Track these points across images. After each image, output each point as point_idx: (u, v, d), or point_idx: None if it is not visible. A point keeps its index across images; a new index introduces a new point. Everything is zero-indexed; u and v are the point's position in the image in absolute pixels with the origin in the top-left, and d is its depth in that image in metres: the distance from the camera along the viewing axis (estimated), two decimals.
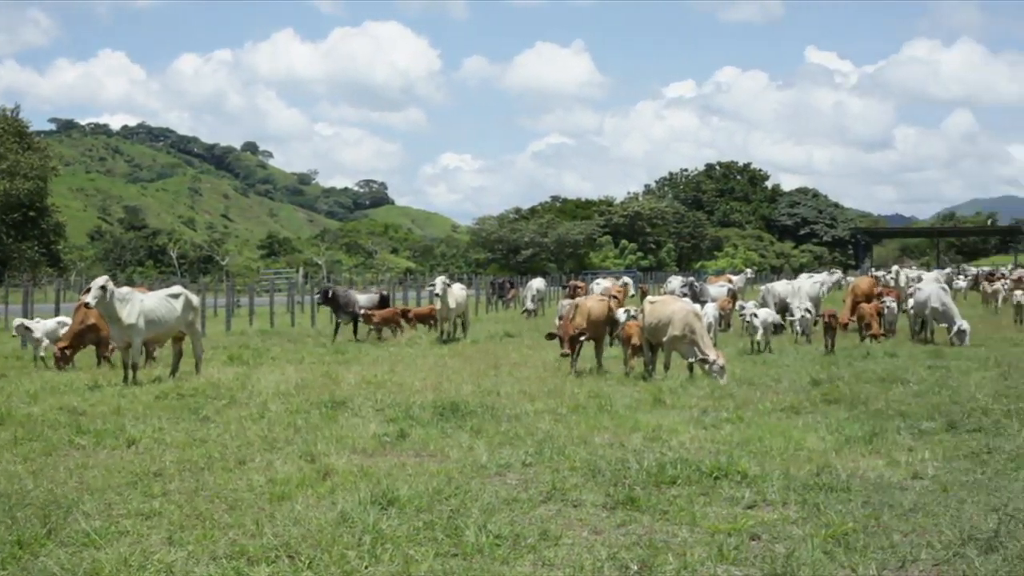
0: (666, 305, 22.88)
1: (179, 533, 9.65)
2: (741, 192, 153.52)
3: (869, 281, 42.01)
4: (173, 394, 19.11)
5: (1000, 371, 22.51)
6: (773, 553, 9.01)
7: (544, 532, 9.62)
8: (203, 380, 21.38)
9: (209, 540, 9.42)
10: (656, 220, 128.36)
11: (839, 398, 18.43)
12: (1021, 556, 8.75)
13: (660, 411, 17.27)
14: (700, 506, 10.73)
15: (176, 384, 20.68)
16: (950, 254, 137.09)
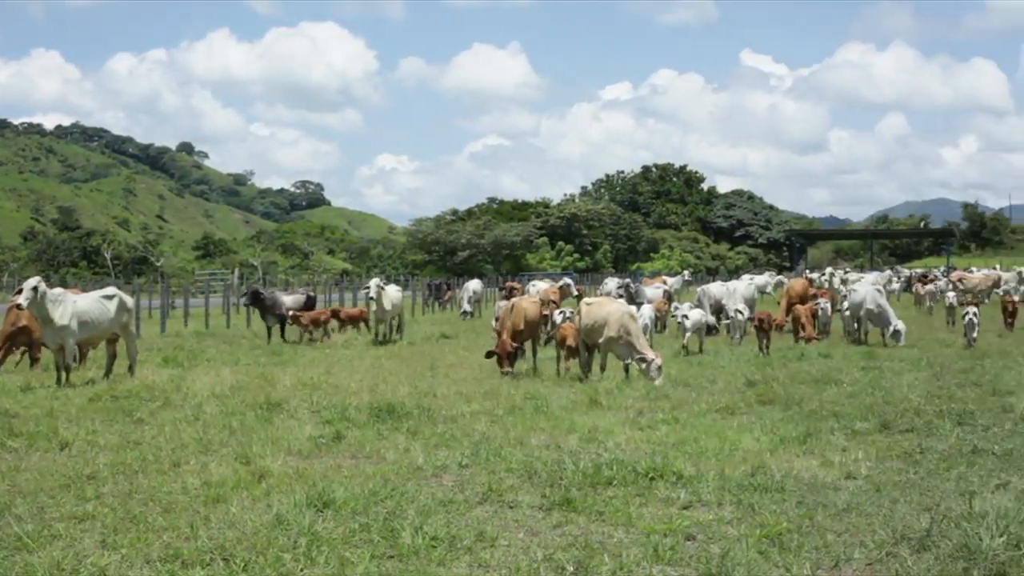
0: (602, 307, 22.94)
1: (113, 536, 9.59)
2: (677, 194, 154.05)
3: (803, 283, 42.30)
4: (107, 396, 18.94)
5: (932, 372, 22.73)
6: (708, 553, 9.06)
7: (480, 533, 9.63)
8: (137, 382, 21.23)
9: (143, 543, 9.36)
10: (593, 222, 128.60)
11: (774, 399, 18.54)
12: (953, 555, 8.84)
13: (596, 412, 17.31)
14: (636, 507, 10.77)
15: (110, 386, 20.50)
16: (883, 256, 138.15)
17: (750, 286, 41.24)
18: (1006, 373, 22.07)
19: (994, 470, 12.52)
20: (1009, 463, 12.89)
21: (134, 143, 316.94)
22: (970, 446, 13.93)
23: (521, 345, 23.75)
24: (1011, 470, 12.45)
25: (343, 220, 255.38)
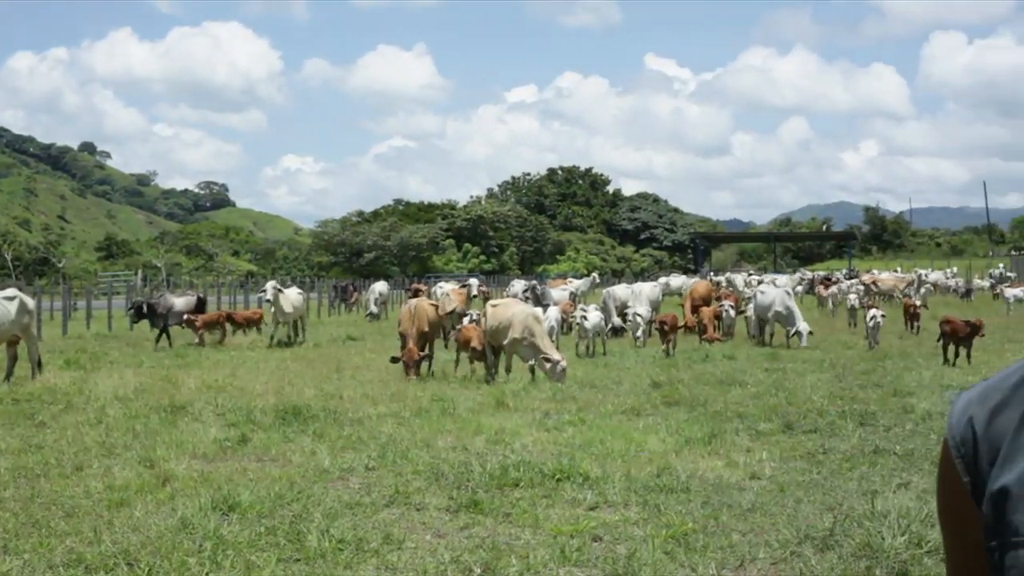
0: (507, 308, 22.99)
1: (14, 541, 9.46)
2: (583, 196, 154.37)
3: (706, 285, 42.74)
4: (8, 399, 18.71)
5: (835, 373, 23.02)
6: (615, 554, 9.10)
7: (387, 536, 9.60)
8: (39, 385, 20.97)
9: (45, 548, 9.24)
10: (499, 224, 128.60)
11: (679, 400, 18.68)
12: (856, 554, 8.95)
13: (503, 414, 17.34)
14: (543, 508, 10.80)
15: (11, 389, 20.25)
16: (786, 259, 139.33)
17: (655, 287, 41.46)
18: (906, 374, 22.41)
19: (895, 470, 12.70)
20: (910, 463, 13.07)
21: (35, 143, 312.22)
22: (872, 446, 14.12)
23: (429, 351, 23.80)
24: (912, 470, 12.63)
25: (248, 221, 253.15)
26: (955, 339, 24.86)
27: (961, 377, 21.83)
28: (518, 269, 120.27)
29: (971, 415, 1.78)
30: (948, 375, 22.49)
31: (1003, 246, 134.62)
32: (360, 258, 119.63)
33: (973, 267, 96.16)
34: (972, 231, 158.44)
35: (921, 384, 20.71)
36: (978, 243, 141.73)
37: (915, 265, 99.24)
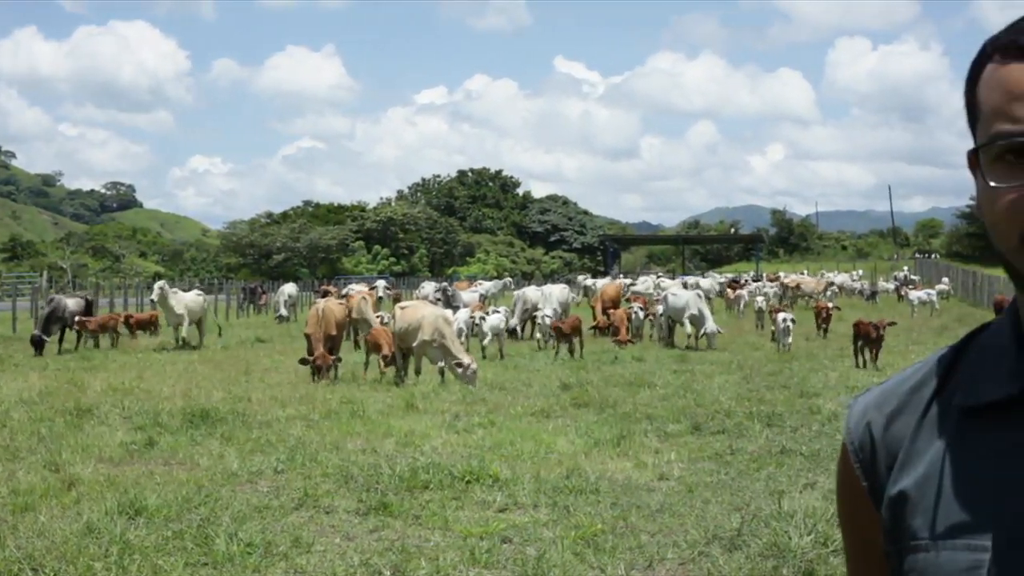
0: (416, 310, 22.95)
1: None
2: (493, 199, 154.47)
3: (616, 287, 42.92)
4: None
5: (743, 375, 23.22)
6: (524, 555, 9.12)
7: (296, 539, 9.56)
8: None
9: None
10: (409, 226, 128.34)
11: (588, 402, 18.75)
12: (763, 553, 9.03)
13: (412, 416, 17.32)
14: (452, 510, 10.80)
15: None
16: (695, 261, 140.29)
17: (564, 290, 41.58)
18: (813, 376, 22.65)
19: (802, 470, 12.83)
20: (816, 463, 13.21)
21: None
22: (779, 447, 14.26)
23: (338, 355, 23.74)
24: (818, 470, 12.76)
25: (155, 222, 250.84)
26: (866, 341, 25.15)
27: (867, 378, 22.08)
28: (428, 271, 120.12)
29: (869, 420, 1.80)
30: (854, 376, 22.76)
31: (908, 249, 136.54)
32: (269, 260, 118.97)
33: (878, 270, 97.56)
34: (877, 234, 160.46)
35: (827, 385, 20.95)
36: (883, 246, 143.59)
37: (821, 268, 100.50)
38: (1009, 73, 1.57)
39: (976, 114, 1.64)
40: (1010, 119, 1.55)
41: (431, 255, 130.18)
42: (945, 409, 1.72)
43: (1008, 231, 1.57)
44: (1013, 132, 1.54)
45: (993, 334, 1.76)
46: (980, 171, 1.62)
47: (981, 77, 1.63)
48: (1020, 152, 1.54)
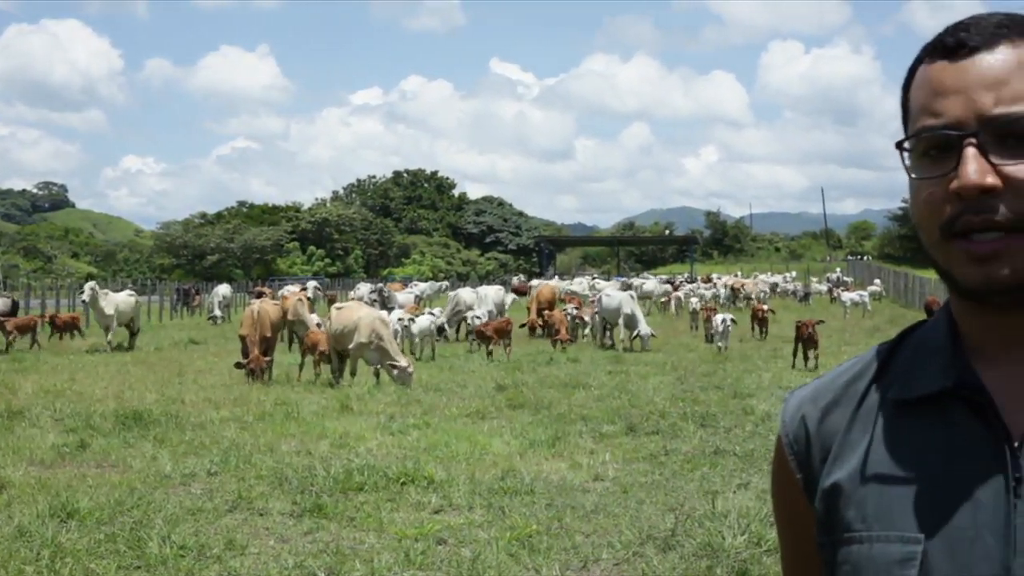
0: (352, 312, 22.87)
1: None
2: (428, 200, 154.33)
3: (551, 288, 42.94)
4: None
5: (677, 375, 23.33)
6: (459, 557, 9.12)
7: (230, 542, 9.51)
8: None
9: None
10: (344, 227, 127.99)
11: (523, 403, 18.78)
12: (697, 553, 9.08)
13: (347, 418, 17.28)
14: (387, 512, 10.79)
15: None
16: (630, 262, 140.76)
17: (500, 291, 41.63)
18: (746, 376, 22.79)
19: (736, 470, 12.91)
20: (750, 463, 13.30)
21: None
22: (712, 447, 14.34)
23: (270, 356, 23.63)
24: (752, 470, 12.85)
25: (88, 223, 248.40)
26: (806, 342, 25.30)
27: (800, 379, 22.23)
28: (363, 272, 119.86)
29: (804, 413, 1.83)
30: (787, 377, 22.92)
31: (840, 251, 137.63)
32: (203, 260, 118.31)
33: (811, 271, 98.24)
34: (810, 236, 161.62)
35: (761, 386, 21.09)
36: (816, 248, 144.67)
37: (755, 269, 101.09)
38: (934, 71, 1.62)
39: (908, 115, 1.68)
40: (933, 114, 1.59)
41: (366, 256, 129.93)
42: (880, 402, 1.75)
43: (930, 225, 1.61)
44: (935, 126, 1.58)
45: (929, 330, 1.79)
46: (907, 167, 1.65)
47: (914, 80, 1.68)
48: (941, 146, 1.58)
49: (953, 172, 1.56)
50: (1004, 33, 1.60)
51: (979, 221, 1.54)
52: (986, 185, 1.53)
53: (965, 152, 1.55)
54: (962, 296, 1.65)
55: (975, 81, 1.57)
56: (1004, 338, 1.66)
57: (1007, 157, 1.54)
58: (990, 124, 1.55)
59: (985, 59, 1.58)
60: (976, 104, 1.56)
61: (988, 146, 1.55)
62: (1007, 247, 1.54)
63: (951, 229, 1.57)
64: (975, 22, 1.62)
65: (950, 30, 1.64)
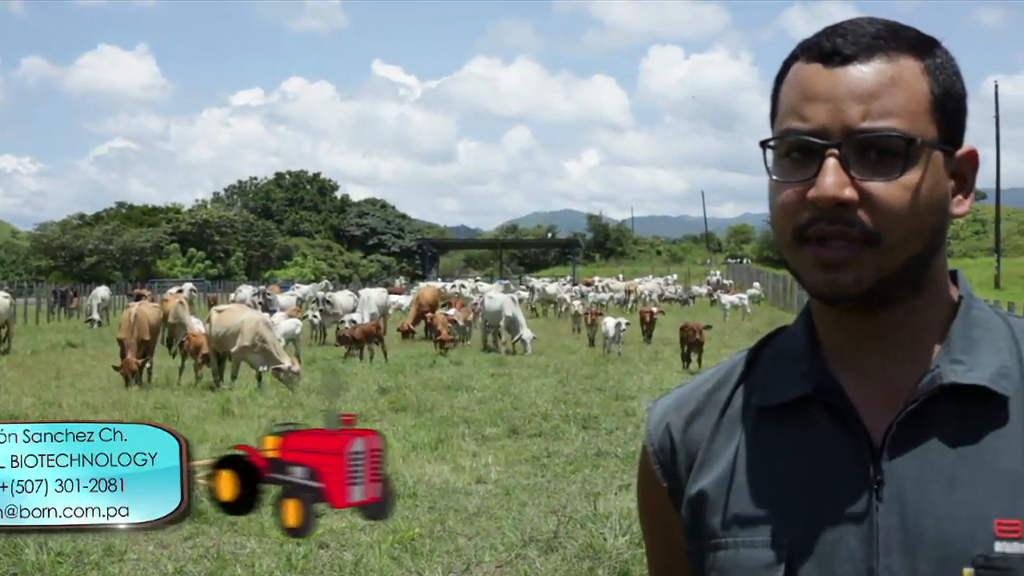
0: (234, 315, 22.68)
1: None
2: (311, 202, 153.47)
3: (433, 291, 42.90)
4: None
5: (559, 378, 23.41)
6: (341, 560, 9.10)
7: (108, 548, 9.39)
8: None
9: None
10: (225, 228, 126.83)
11: (406, 406, 18.76)
12: (579, 555, 9.14)
13: (228, 421, 17.16)
14: (268, 516, 10.69)
15: None
16: (513, 265, 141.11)
17: (382, 294, 41.52)
18: (628, 379, 22.92)
19: (617, 472, 13.01)
20: (631, 465, 13.36)
21: None
22: (595, 449, 14.42)
23: (147, 360, 23.33)
24: (633, 472, 12.81)
25: None
26: (691, 345, 25.48)
27: (680, 381, 22.40)
28: (245, 274, 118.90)
29: (668, 422, 1.86)
30: (668, 379, 23.07)
31: (720, 254, 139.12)
32: (81, 262, 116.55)
33: (692, 274, 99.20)
34: (691, 239, 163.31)
35: (642, 388, 21.22)
36: (697, 251, 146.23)
37: (636, 272, 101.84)
38: (807, 73, 1.63)
39: (776, 111, 1.70)
40: (800, 117, 1.61)
41: (248, 258, 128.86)
42: (742, 410, 1.78)
43: (783, 227, 1.63)
44: (800, 130, 1.60)
45: (789, 336, 1.83)
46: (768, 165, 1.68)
47: (786, 77, 1.69)
48: (804, 151, 1.60)
49: (812, 179, 1.58)
50: (881, 45, 1.61)
51: (832, 231, 1.57)
52: (842, 198, 1.55)
53: (826, 162, 1.57)
54: (814, 299, 1.70)
55: (845, 92, 1.59)
56: (859, 341, 1.70)
57: (867, 172, 1.57)
58: (854, 137, 1.57)
59: (859, 70, 1.60)
60: (843, 115, 1.58)
61: (849, 158, 1.57)
62: (856, 256, 1.57)
63: (804, 234, 1.60)
64: (853, 29, 1.64)
65: (827, 33, 1.65)
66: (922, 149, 1.59)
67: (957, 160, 1.67)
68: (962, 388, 1.63)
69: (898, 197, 1.57)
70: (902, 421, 1.62)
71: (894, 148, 1.58)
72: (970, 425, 1.62)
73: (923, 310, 1.69)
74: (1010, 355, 1.68)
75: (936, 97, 1.63)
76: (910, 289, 1.65)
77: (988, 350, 1.67)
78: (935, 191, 1.61)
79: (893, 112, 1.58)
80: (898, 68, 1.61)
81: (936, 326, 1.70)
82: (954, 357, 1.65)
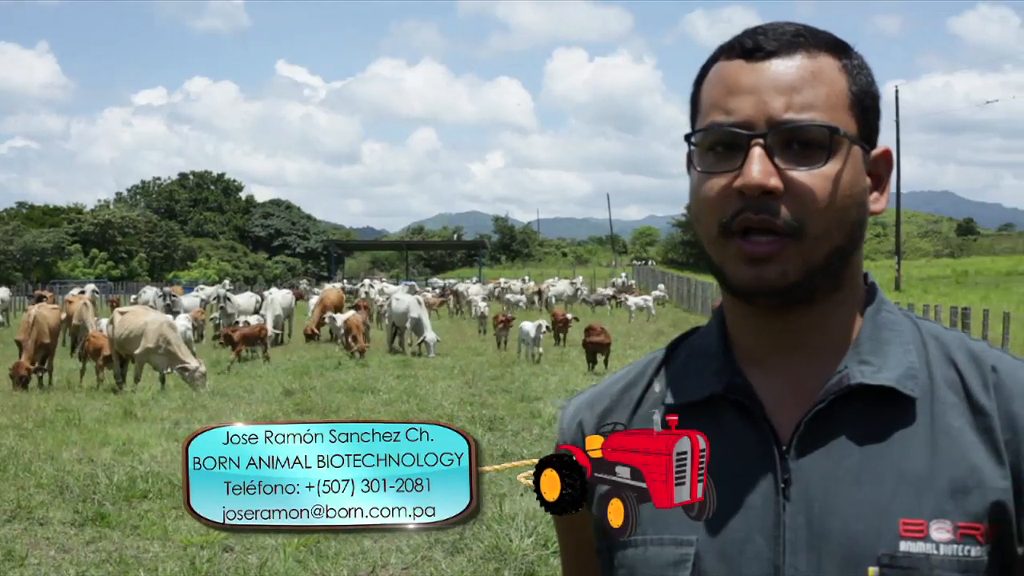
0: (137, 316, 22.44)
1: None
2: (215, 202, 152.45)
3: (337, 293, 42.75)
4: None
5: (465, 379, 23.43)
6: (246, 564, 9.05)
7: (9, 552, 9.29)
8: None
9: None
10: (128, 229, 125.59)
11: (311, 408, 18.70)
12: (485, 556, 9.16)
13: (131, 424, 17.00)
14: (172, 519, 10.64)
15: None
16: (419, 267, 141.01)
17: (287, 295, 41.33)
18: (533, 380, 22.98)
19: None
20: None
21: None
22: (500, 450, 14.46)
23: (42, 364, 23.03)
24: None
25: None
26: (595, 346, 25.54)
27: (587, 382, 22.52)
28: (148, 276, 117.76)
29: (581, 419, 1.87)
30: (574, 380, 23.17)
31: (625, 256, 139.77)
32: None
33: (598, 276, 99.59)
34: (597, 241, 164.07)
35: (548, 389, 21.28)
36: (602, 253, 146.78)
37: (543, 274, 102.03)
38: (730, 69, 1.67)
39: (698, 110, 1.72)
40: (724, 111, 1.64)
41: (151, 259, 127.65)
42: (654, 408, 1.79)
43: (709, 220, 1.65)
44: (725, 123, 1.63)
45: (702, 335, 1.85)
46: (692, 160, 1.70)
47: (707, 76, 1.72)
48: (728, 144, 1.63)
49: (738, 170, 1.60)
50: (801, 42, 1.65)
51: (758, 220, 1.60)
52: (769, 186, 1.58)
53: (752, 152, 1.59)
54: (734, 295, 1.71)
55: (769, 84, 1.62)
56: (773, 341, 1.72)
57: (791, 162, 1.60)
58: (778, 128, 1.60)
59: (781, 64, 1.64)
60: (767, 107, 1.61)
61: (774, 149, 1.60)
62: (781, 249, 1.60)
63: (730, 227, 1.62)
64: (773, 28, 1.67)
65: (748, 33, 1.68)
66: (843, 141, 1.62)
67: (873, 159, 1.71)
68: (870, 389, 1.65)
69: (821, 187, 1.60)
70: (810, 421, 1.64)
71: (817, 139, 1.61)
72: (877, 426, 1.65)
73: (837, 310, 1.72)
74: (918, 357, 1.71)
75: (854, 94, 1.67)
76: (831, 285, 1.68)
77: (896, 352, 1.70)
78: (855, 184, 1.65)
79: (815, 104, 1.62)
80: (818, 64, 1.65)
81: (848, 327, 1.73)
82: (863, 358, 1.68)
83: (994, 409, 1.65)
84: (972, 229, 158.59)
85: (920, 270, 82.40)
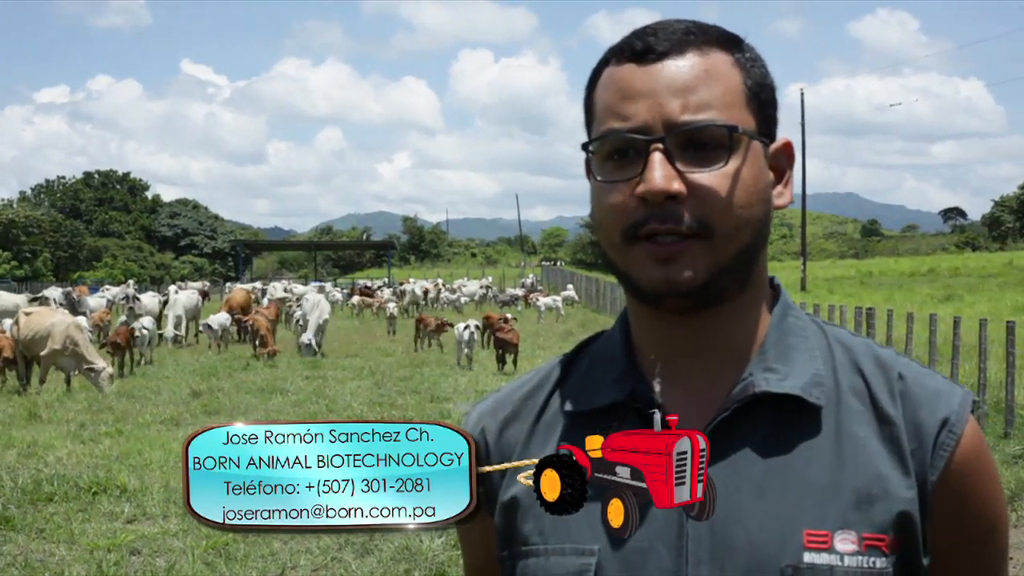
0: (43, 318, 22.17)
1: None
2: (121, 202, 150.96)
3: (244, 293, 42.47)
4: None
5: (375, 380, 23.40)
6: (154, 567, 8.99)
7: None
8: None
9: None
10: (32, 229, 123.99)
11: (219, 409, 18.60)
12: (395, 557, 9.16)
13: (36, 426, 16.81)
14: (78, 523, 10.54)
15: None
16: (327, 267, 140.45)
17: (192, 295, 40.99)
18: (443, 381, 23.00)
19: None
20: None
21: None
22: None
23: None
24: None
25: None
26: (504, 344, 25.56)
27: (497, 382, 22.56)
28: (53, 276, 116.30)
29: (484, 426, 1.85)
30: (483, 380, 23.21)
31: (535, 257, 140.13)
32: None
33: (507, 276, 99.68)
34: (506, 242, 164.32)
35: (457, 390, 21.32)
36: (511, 253, 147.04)
37: (452, 275, 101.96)
38: (622, 74, 1.64)
39: (592, 116, 1.70)
40: (620, 117, 1.62)
41: (56, 259, 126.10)
42: (557, 415, 1.79)
43: (612, 227, 1.63)
44: (621, 129, 1.61)
45: (605, 341, 1.84)
46: (591, 168, 1.68)
47: (599, 81, 1.70)
48: (626, 151, 1.61)
49: (638, 176, 1.58)
50: (692, 40, 1.64)
51: (664, 229, 1.58)
52: (672, 191, 1.56)
53: (652, 157, 1.57)
54: (641, 300, 1.69)
55: (664, 86, 1.60)
56: (678, 346, 1.71)
57: (691, 164, 1.58)
58: (676, 131, 1.58)
59: (674, 64, 1.62)
60: (664, 110, 1.59)
61: (674, 152, 1.58)
62: (688, 249, 1.58)
63: (635, 233, 1.60)
64: (662, 27, 1.66)
65: (638, 34, 1.66)
66: (742, 138, 1.61)
67: (774, 152, 1.71)
68: (775, 397, 1.65)
69: (724, 186, 1.58)
70: (713, 430, 1.63)
71: (716, 139, 1.59)
72: (782, 434, 1.64)
73: (743, 314, 1.71)
74: (825, 364, 1.71)
75: (749, 88, 1.66)
76: (738, 287, 1.67)
77: (803, 359, 1.69)
78: (758, 180, 1.64)
79: (711, 104, 1.60)
80: (711, 61, 1.63)
81: (753, 332, 1.72)
82: (768, 365, 1.68)
83: (900, 418, 1.65)
84: (876, 230, 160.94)
85: (825, 271, 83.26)
